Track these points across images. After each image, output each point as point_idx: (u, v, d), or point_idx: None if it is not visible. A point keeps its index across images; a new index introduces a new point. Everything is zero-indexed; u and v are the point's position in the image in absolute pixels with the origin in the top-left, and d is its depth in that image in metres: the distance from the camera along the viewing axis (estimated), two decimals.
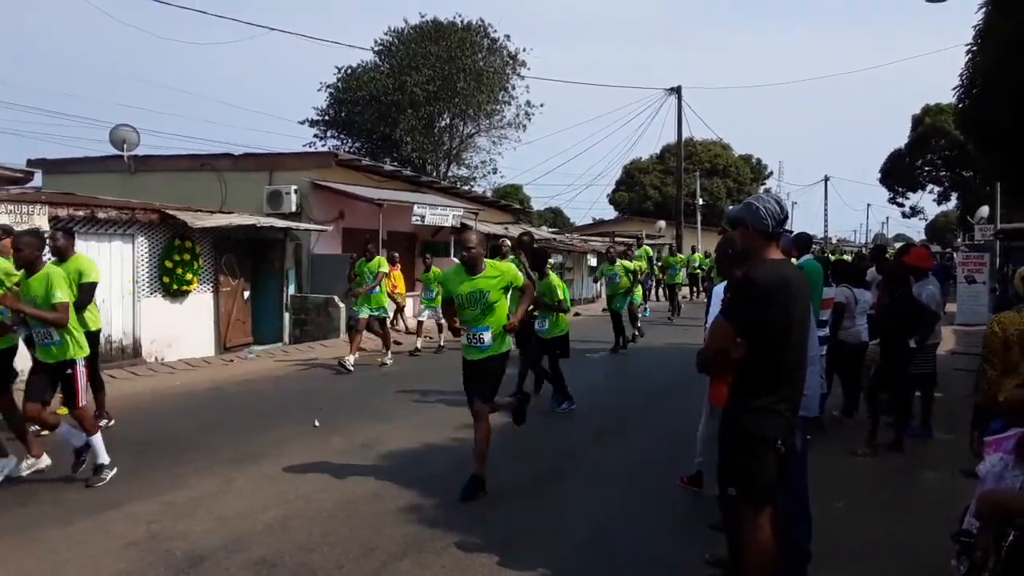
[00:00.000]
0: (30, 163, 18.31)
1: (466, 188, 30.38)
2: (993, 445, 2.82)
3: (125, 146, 18.03)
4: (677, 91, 33.10)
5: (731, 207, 3.81)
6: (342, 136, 38.00)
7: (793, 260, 5.44)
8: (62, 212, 11.20)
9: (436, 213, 18.22)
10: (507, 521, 5.25)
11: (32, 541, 4.75)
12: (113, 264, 11.91)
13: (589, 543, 4.91)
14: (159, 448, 7.02)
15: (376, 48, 36.90)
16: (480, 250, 5.78)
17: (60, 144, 41.02)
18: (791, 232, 7.50)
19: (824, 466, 5.86)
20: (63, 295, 5.74)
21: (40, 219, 10.81)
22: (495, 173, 41.25)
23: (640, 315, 17.52)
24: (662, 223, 38.08)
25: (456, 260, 11.92)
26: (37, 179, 17.33)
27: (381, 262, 12.06)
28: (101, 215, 11.73)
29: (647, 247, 20.49)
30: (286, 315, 15.16)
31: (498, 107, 38.29)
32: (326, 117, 37.99)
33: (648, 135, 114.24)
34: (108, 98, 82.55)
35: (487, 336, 5.73)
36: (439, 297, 12.08)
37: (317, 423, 7.89)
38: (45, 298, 5.70)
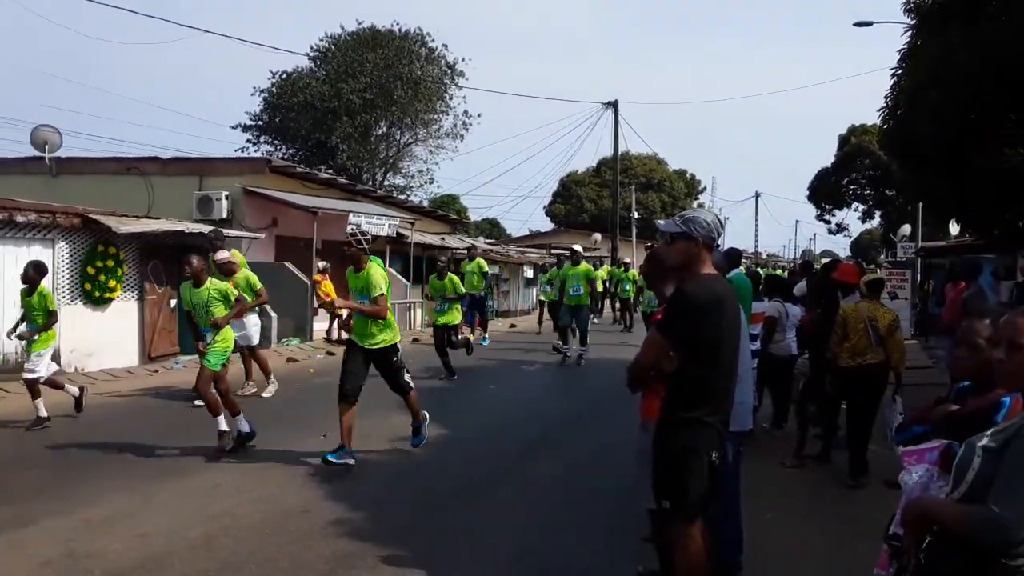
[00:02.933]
0: None
1: (402, 197, 30.16)
2: (916, 455, 2.86)
3: (47, 147, 17.35)
4: (614, 105, 33.53)
5: (661, 221, 3.84)
6: (276, 142, 37.34)
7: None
8: None
9: (372, 222, 18.00)
10: (437, 535, 5.18)
11: None
12: None
13: (520, 556, 4.87)
14: (77, 462, 6.74)
15: (312, 54, 36.43)
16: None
17: None
18: (719, 247, 7.66)
19: (754, 477, 5.94)
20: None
21: None
22: (432, 183, 41.08)
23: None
24: (598, 236, 38.49)
25: (392, 270, 11.79)
26: None
27: None
28: (20, 219, 11.25)
29: (480, 260, 17.34)
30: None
31: (435, 116, 38.15)
32: (260, 122, 37.27)
33: (585, 148, 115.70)
34: (30, 98, 79.42)
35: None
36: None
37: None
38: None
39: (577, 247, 15.75)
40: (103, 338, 12.32)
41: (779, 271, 23.31)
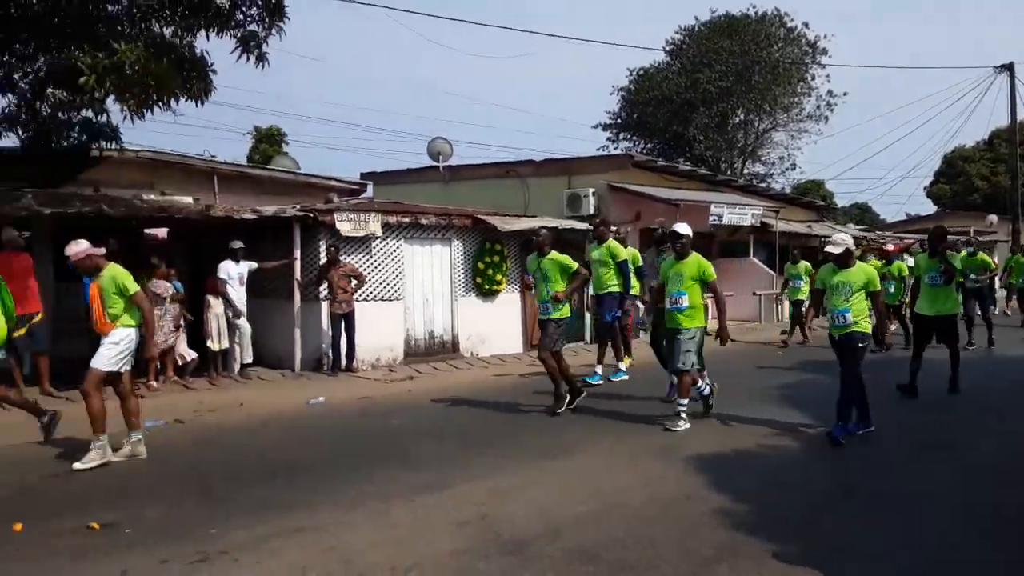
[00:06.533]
0: (363, 176, 20.67)
1: (763, 185, 29.27)
2: None
3: (440, 157, 19.69)
4: (1009, 68, 29.20)
5: None
6: (634, 137, 38.42)
7: None
8: (392, 220, 12.51)
9: (734, 212, 17.75)
10: (823, 535, 4.95)
11: (380, 514, 5.33)
12: (434, 266, 13.07)
13: (914, 569, 4.47)
14: (479, 436, 7.61)
15: (667, 48, 36.85)
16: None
17: (385, 158, 45.92)
18: None
19: None
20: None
21: (374, 225, 12.16)
22: (794, 169, 39.37)
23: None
24: (993, 217, 33.75)
25: (756, 260, 11.59)
26: (369, 190, 19.52)
27: None
28: (423, 221, 12.93)
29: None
30: (587, 314, 15.58)
31: (796, 99, 36.55)
32: (618, 120, 38.64)
33: (973, 120, 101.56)
34: (426, 112, 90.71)
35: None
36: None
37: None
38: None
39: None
40: (492, 327, 13.70)
41: None
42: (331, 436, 7.90)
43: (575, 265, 8.51)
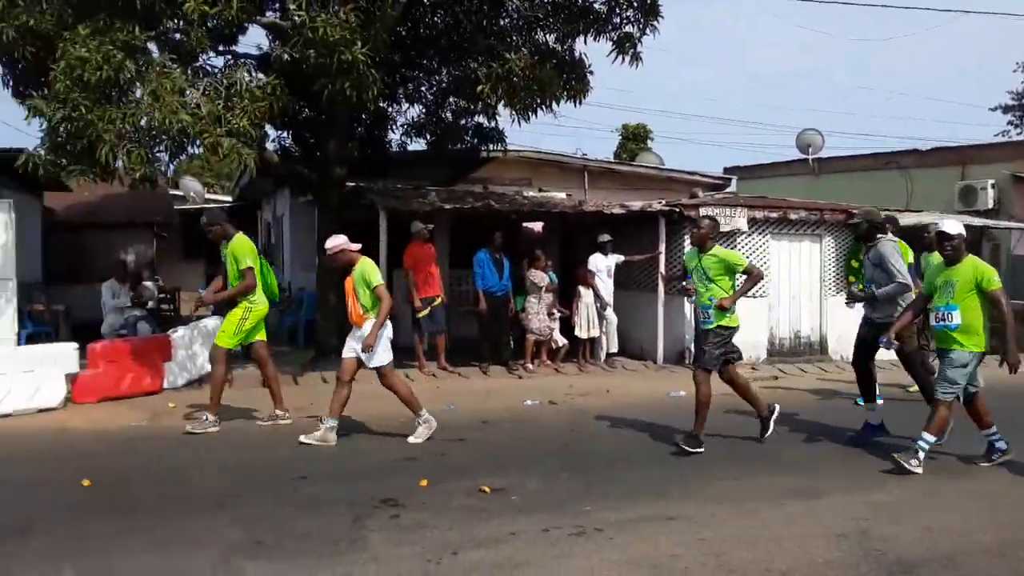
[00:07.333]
0: (726, 170, 20.38)
1: None
2: None
3: (810, 149, 18.73)
4: None
5: None
6: None
7: None
8: (758, 214, 12.19)
9: None
10: None
11: (750, 513, 5.22)
12: (803, 263, 12.49)
13: None
14: (841, 444, 7.17)
15: None
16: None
17: (749, 151, 44.77)
18: None
19: None
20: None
21: (740, 220, 11.96)
22: None
23: None
24: None
25: None
26: (732, 185, 19.20)
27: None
28: (792, 216, 12.40)
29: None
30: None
31: None
32: (1022, 101, 33.59)
33: None
34: (793, 103, 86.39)
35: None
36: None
37: None
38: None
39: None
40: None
41: None
42: None
43: (744, 263, 6.96)
